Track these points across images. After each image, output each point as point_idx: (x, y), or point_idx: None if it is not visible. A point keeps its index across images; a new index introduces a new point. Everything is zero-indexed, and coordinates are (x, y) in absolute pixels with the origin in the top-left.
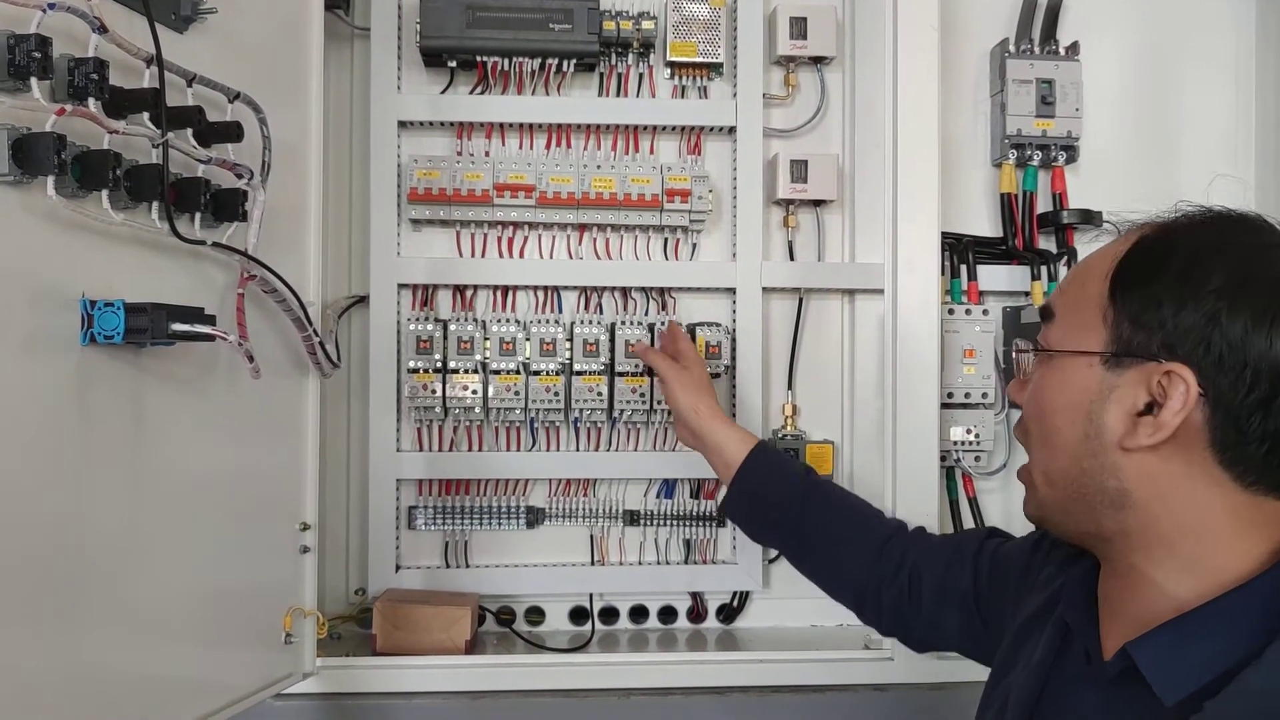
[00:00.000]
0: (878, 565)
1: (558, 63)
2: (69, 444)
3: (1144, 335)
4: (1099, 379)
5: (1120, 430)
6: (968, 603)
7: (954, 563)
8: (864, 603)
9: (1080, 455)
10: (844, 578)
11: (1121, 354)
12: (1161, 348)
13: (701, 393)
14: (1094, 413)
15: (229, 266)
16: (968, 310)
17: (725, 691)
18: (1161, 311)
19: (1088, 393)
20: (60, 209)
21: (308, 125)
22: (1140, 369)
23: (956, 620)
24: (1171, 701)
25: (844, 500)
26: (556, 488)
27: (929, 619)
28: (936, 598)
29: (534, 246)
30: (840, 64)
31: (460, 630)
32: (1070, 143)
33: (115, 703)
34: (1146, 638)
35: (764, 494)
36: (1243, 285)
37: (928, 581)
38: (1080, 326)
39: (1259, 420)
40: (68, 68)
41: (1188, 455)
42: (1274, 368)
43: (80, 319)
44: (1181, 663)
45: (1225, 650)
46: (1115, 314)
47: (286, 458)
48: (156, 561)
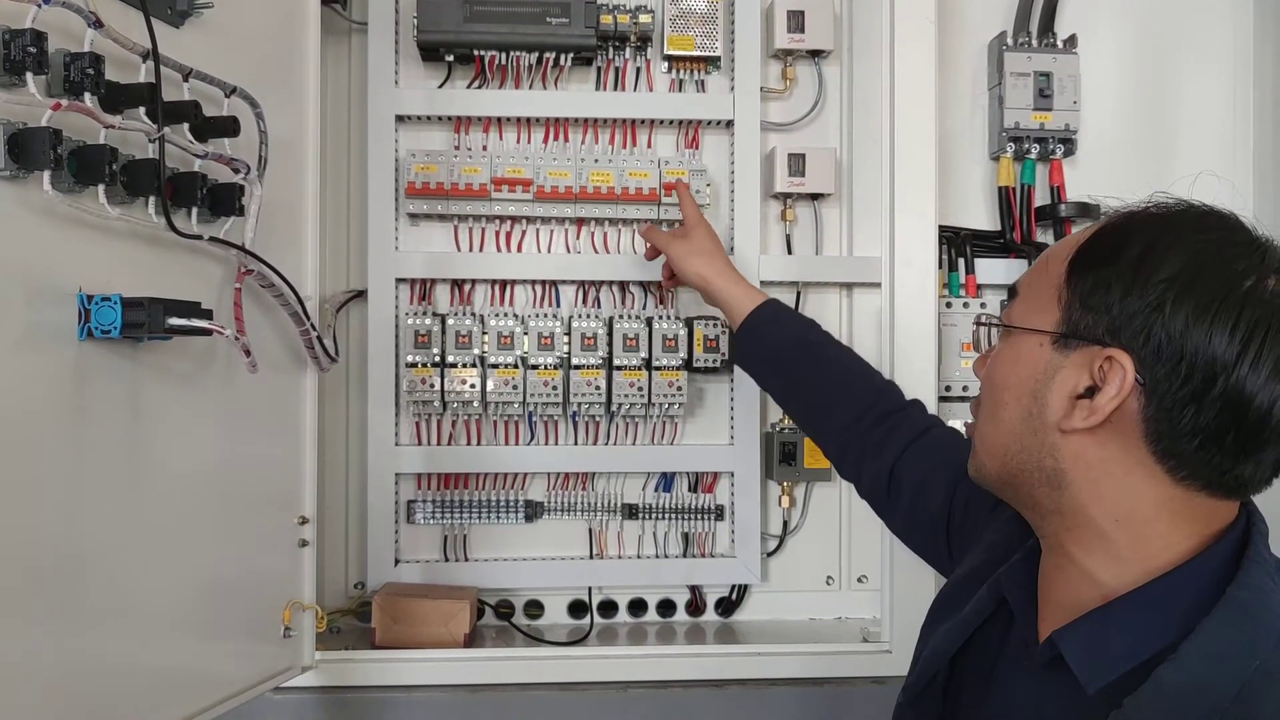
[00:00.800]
0: (863, 434)
1: (555, 57)
2: (66, 438)
3: (1091, 318)
4: (1046, 358)
5: (1059, 411)
6: (937, 524)
7: (933, 478)
8: (844, 464)
9: (1021, 432)
10: (831, 438)
11: (1069, 335)
12: (1106, 332)
13: (708, 257)
14: (1038, 391)
15: (226, 261)
16: (965, 303)
17: (724, 684)
18: (1109, 296)
19: (1035, 371)
20: (57, 204)
21: (305, 120)
22: (1085, 352)
23: (926, 534)
24: (1093, 689)
25: (840, 359)
26: (555, 481)
27: (904, 522)
28: (910, 508)
29: (532, 240)
30: (838, 57)
31: (459, 624)
32: (1068, 136)
33: (114, 696)
34: (1072, 626)
35: (763, 344)
36: (1191, 278)
37: (906, 485)
38: (1037, 306)
39: (1191, 414)
40: (63, 62)
41: (1123, 443)
42: (1209, 363)
43: (77, 314)
44: (1103, 651)
45: (1145, 640)
46: (1069, 295)
47: (284, 452)
48: (155, 555)
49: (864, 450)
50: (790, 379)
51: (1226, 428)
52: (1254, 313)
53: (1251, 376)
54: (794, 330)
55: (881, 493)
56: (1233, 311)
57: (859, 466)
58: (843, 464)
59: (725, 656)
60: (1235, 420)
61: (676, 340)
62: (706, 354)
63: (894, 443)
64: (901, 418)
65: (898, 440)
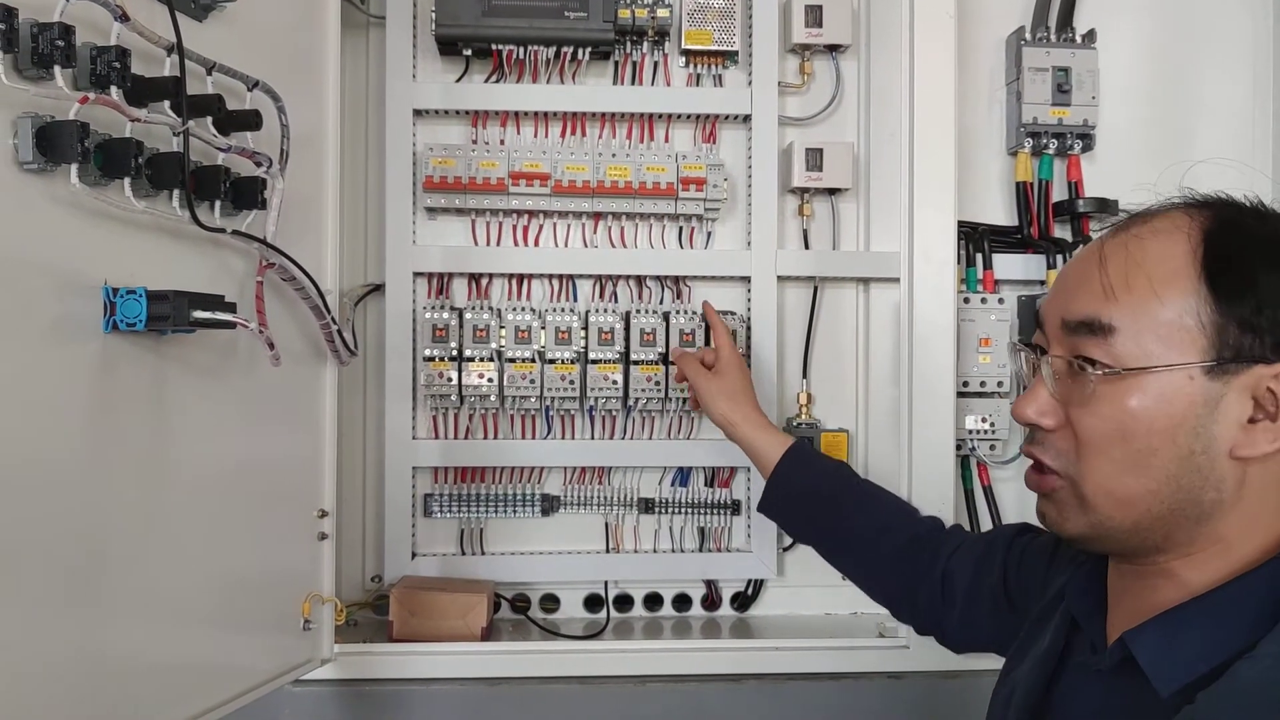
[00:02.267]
0: (913, 562)
1: (573, 51)
2: (91, 430)
3: (1251, 337)
4: (1202, 390)
5: (1231, 440)
6: (999, 598)
7: (985, 559)
8: (899, 600)
9: (1180, 473)
10: (880, 574)
11: (1231, 359)
12: (1273, 350)
13: (735, 400)
14: (1200, 427)
15: (248, 254)
16: (983, 299)
17: (740, 679)
18: (1277, 311)
19: (1191, 406)
20: (83, 197)
21: (325, 114)
22: (1250, 373)
23: (989, 618)
24: (1166, 692)
25: (879, 497)
26: (571, 475)
27: (963, 618)
28: (969, 595)
29: (549, 235)
30: (855, 52)
31: (476, 617)
32: (1086, 131)
33: (136, 687)
34: (1144, 627)
35: (799, 490)
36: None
37: (960, 579)
38: (1167, 337)
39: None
40: (90, 56)
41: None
42: None
43: (103, 306)
44: (1177, 652)
45: (1222, 641)
46: (1221, 319)
47: (305, 445)
48: (176, 547)
49: (916, 574)
50: (829, 523)
51: None
52: None
53: None
54: (827, 473)
55: (936, 600)
56: None
57: (914, 592)
58: (898, 606)
59: (741, 651)
60: None
61: (694, 335)
62: None
63: (940, 557)
64: (942, 539)
65: (942, 554)
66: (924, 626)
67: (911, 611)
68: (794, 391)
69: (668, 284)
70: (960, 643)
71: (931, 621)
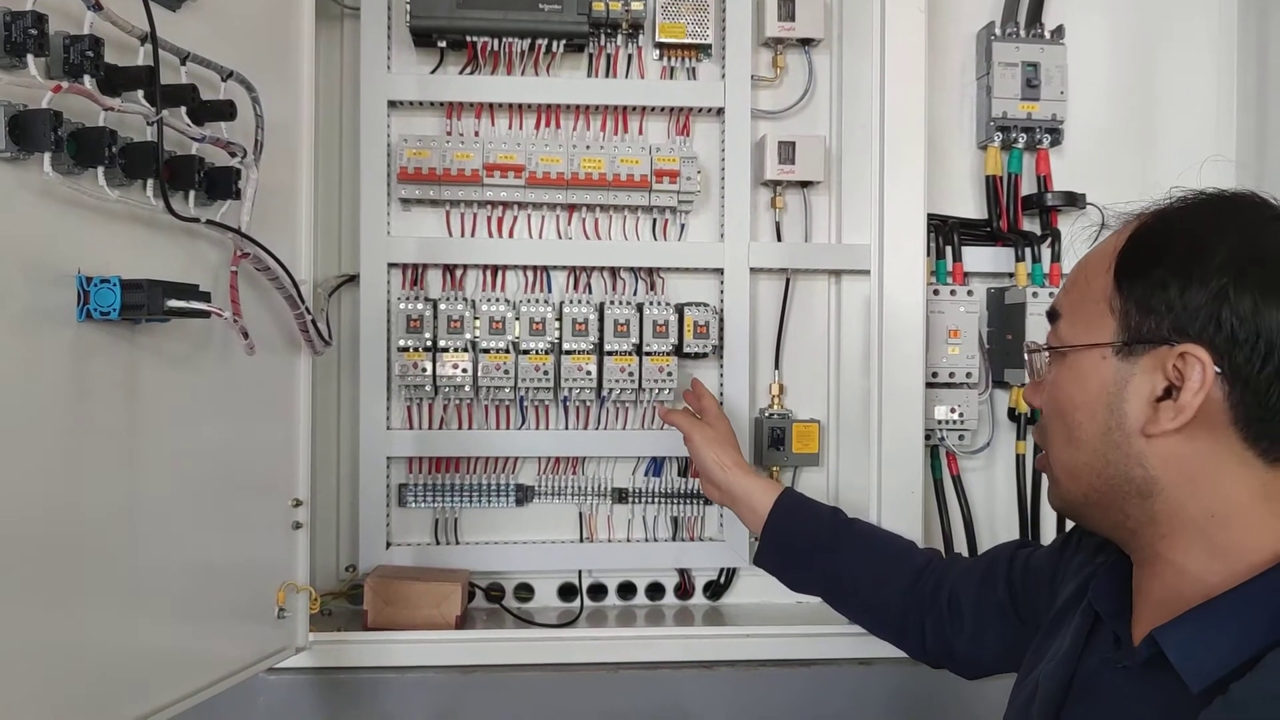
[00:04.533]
0: (916, 593)
1: (547, 43)
2: (64, 419)
3: (1153, 320)
4: (1114, 369)
5: (1142, 417)
6: (1006, 613)
7: (988, 578)
8: (907, 632)
9: (1104, 448)
10: (885, 610)
11: (1133, 341)
12: (1172, 330)
13: (725, 447)
14: (1113, 404)
15: (222, 244)
16: (953, 291)
17: (712, 666)
18: (1168, 294)
19: (1105, 384)
20: (56, 186)
21: (299, 104)
22: (1154, 354)
23: (998, 633)
24: (1198, 688)
25: (875, 535)
26: (546, 466)
27: (972, 637)
28: (976, 615)
29: (523, 226)
30: (828, 46)
31: (450, 606)
32: (1055, 125)
33: (109, 676)
34: (1173, 624)
35: (794, 537)
36: (1247, 260)
37: (966, 601)
38: (1088, 320)
39: (1278, 392)
40: (63, 45)
41: (1212, 435)
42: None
43: (76, 295)
44: (1208, 649)
45: (1252, 636)
46: (1122, 302)
47: (279, 434)
48: (150, 536)
49: (921, 603)
50: (830, 568)
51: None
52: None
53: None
54: (821, 518)
55: (944, 624)
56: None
57: (921, 622)
58: (906, 638)
59: (714, 638)
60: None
61: (667, 326)
62: (697, 340)
63: (944, 583)
64: (940, 566)
65: (946, 579)
66: (936, 656)
67: (921, 643)
68: (766, 382)
69: (641, 275)
70: (972, 664)
71: (943, 649)
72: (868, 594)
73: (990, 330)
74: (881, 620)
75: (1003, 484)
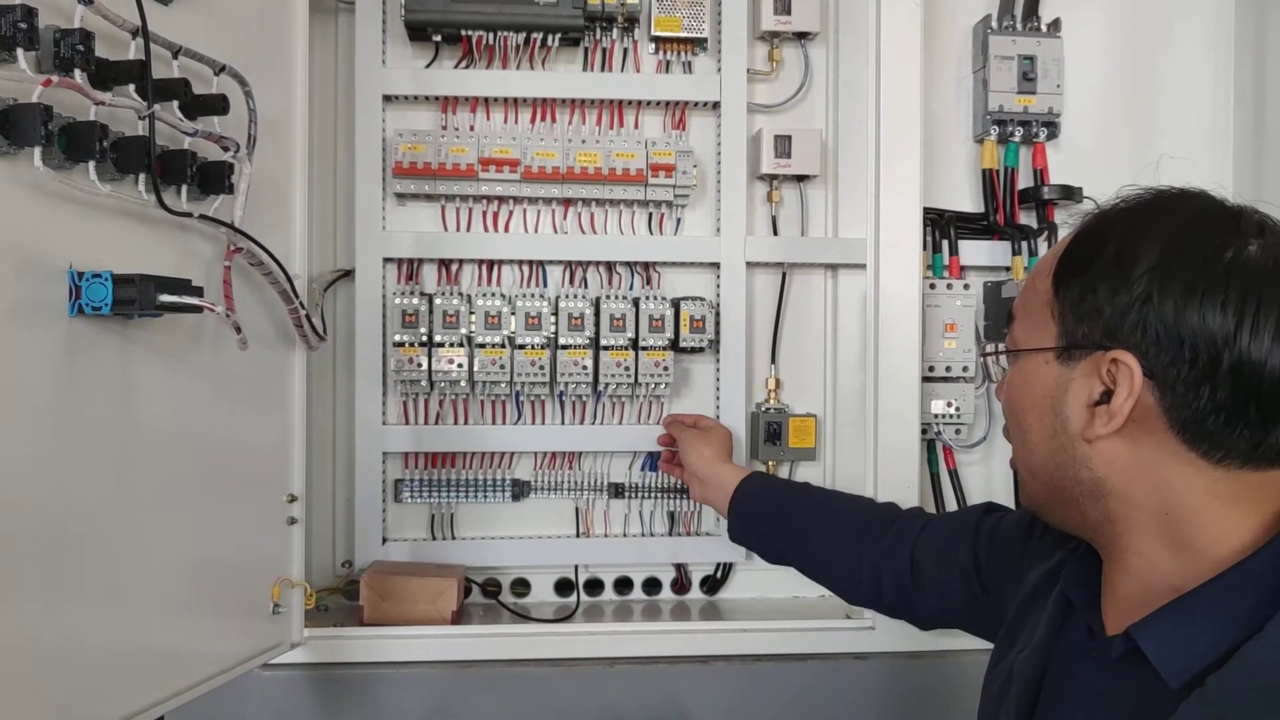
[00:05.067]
0: (877, 542)
1: (542, 37)
2: (57, 415)
3: (1086, 325)
4: (1055, 374)
5: (1080, 422)
6: (970, 580)
7: (953, 538)
8: (862, 584)
9: (1052, 450)
10: (841, 562)
11: (1070, 346)
12: (1104, 335)
13: (712, 445)
14: (1056, 408)
15: (215, 239)
16: (949, 285)
17: (708, 660)
18: (1098, 299)
19: (1047, 388)
20: (47, 180)
21: (293, 99)
22: (1090, 359)
23: (961, 599)
24: (1177, 684)
25: (837, 494)
26: (542, 461)
27: (936, 599)
28: (939, 577)
29: (519, 221)
30: (824, 40)
31: (446, 601)
32: (1051, 119)
33: (104, 672)
34: (1149, 621)
35: (755, 505)
36: (1171, 263)
37: (928, 559)
38: (1035, 324)
39: (1207, 395)
40: (53, 39)
41: (1153, 439)
42: (1210, 341)
43: (68, 290)
44: (1185, 645)
45: (1226, 629)
46: (1060, 307)
47: (274, 429)
48: (144, 532)
49: (878, 557)
50: (792, 526)
51: (1246, 399)
52: (1241, 282)
53: (1255, 345)
54: (783, 485)
55: (906, 584)
56: (1219, 285)
57: (878, 574)
58: (859, 585)
59: (710, 633)
60: (1253, 390)
61: (663, 320)
62: (693, 334)
63: (905, 539)
64: (905, 520)
65: (907, 536)
66: (893, 608)
67: (878, 594)
68: (762, 377)
69: (637, 270)
70: (930, 622)
71: (901, 601)
72: (823, 546)
73: (987, 324)
74: (840, 571)
75: (999, 477)
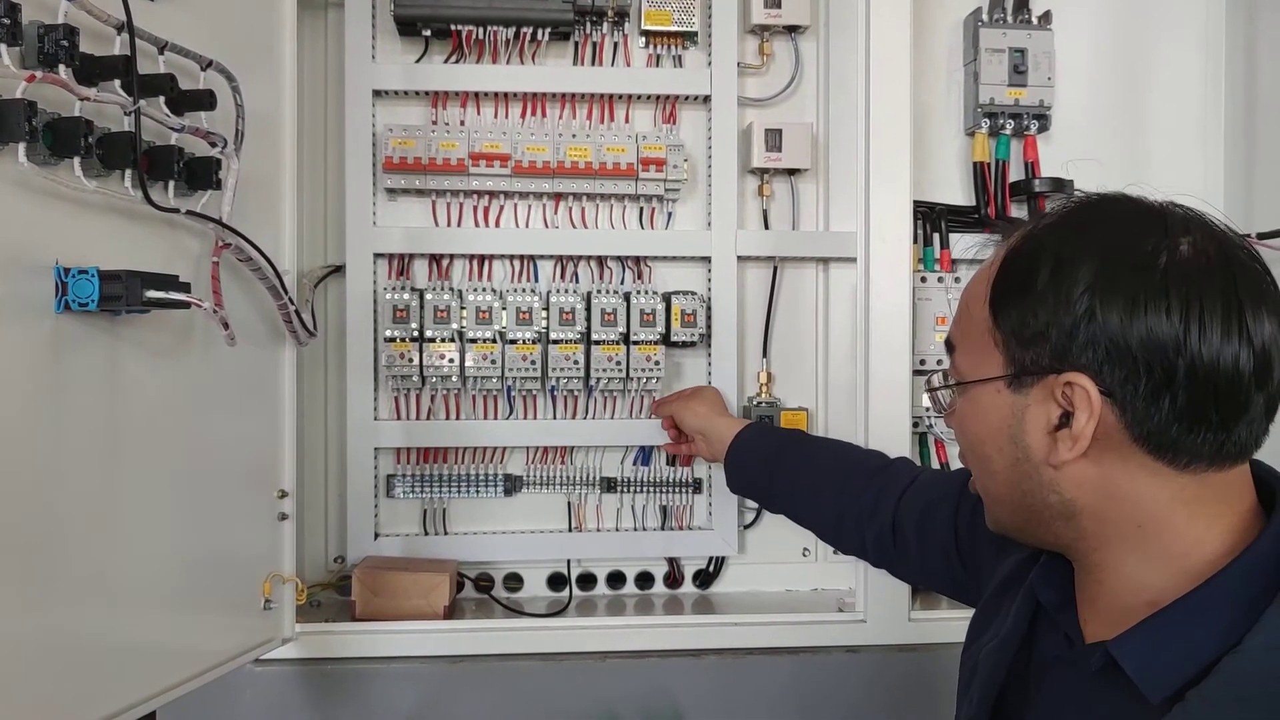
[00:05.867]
0: (859, 498)
1: (532, 31)
2: (44, 411)
3: (1033, 351)
4: (1009, 403)
5: (1043, 449)
6: (949, 552)
7: (933, 513)
8: (843, 538)
9: (1016, 478)
10: (825, 508)
11: (1020, 374)
12: (1053, 358)
13: (705, 402)
14: (1015, 436)
15: (203, 235)
16: (940, 278)
17: (701, 654)
18: (1039, 323)
19: (1003, 418)
20: (32, 176)
21: (281, 94)
22: (1042, 384)
23: (942, 571)
24: (1158, 699)
25: (827, 445)
26: (534, 455)
27: (916, 564)
28: (920, 545)
29: (510, 215)
30: (814, 33)
31: (439, 596)
32: (1042, 112)
33: (94, 668)
34: (1127, 636)
35: (748, 456)
36: (1109, 276)
37: (909, 525)
38: (977, 353)
39: (1167, 404)
40: (37, 34)
41: (1118, 454)
42: (1160, 350)
43: (54, 286)
44: (1164, 660)
45: (1205, 642)
46: (1002, 335)
47: (263, 425)
48: (134, 529)
49: (860, 514)
50: (781, 479)
51: (1206, 402)
52: (1180, 285)
53: (1205, 346)
54: (777, 436)
55: (889, 546)
56: (1160, 293)
57: (860, 532)
58: (844, 538)
59: (702, 626)
60: (1211, 392)
61: (654, 315)
62: (684, 328)
63: (887, 498)
64: (888, 474)
65: (890, 494)
66: (877, 563)
67: (861, 549)
68: (754, 370)
69: (628, 264)
70: (914, 583)
71: (883, 560)
72: (808, 496)
73: None
74: (823, 523)
75: None
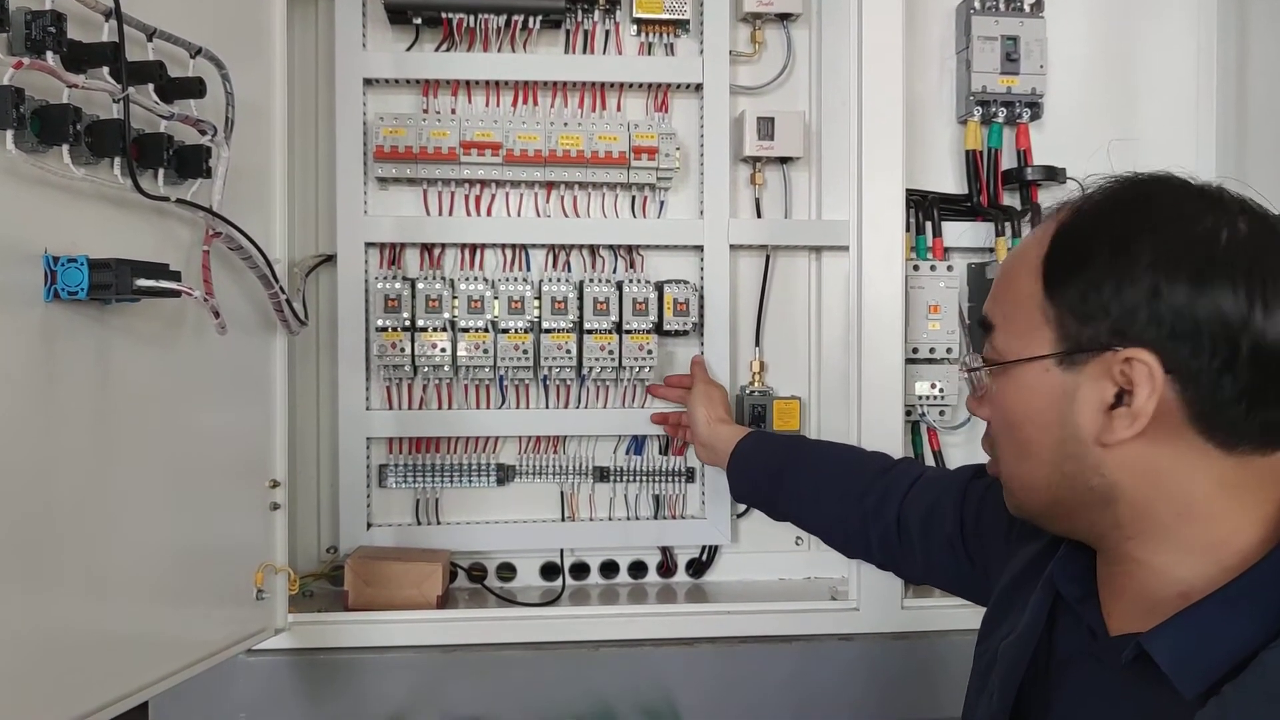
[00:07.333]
0: (862, 500)
1: (524, 19)
2: (33, 401)
3: (1092, 326)
4: (1059, 381)
5: (1096, 427)
6: (955, 547)
7: (940, 503)
8: (850, 543)
9: (1059, 460)
10: (828, 523)
11: (1074, 351)
12: (1113, 335)
13: (715, 406)
14: (1064, 416)
15: (194, 223)
16: (932, 266)
17: (694, 643)
18: (1102, 297)
19: (1052, 397)
20: (20, 164)
21: (271, 82)
22: (1098, 361)
23: (948, 568)
24: (1192, 694)
25: (830, 450)
26: (526, 445)
27: (921, 561)
28: (925, 541)
29: (501, 204)
30: (807, 21)
31: (432, 586)
32: (1035, 99)
33: (86, 659)
34: (1160, 630)
35: (751, 465)
36: (1173, 252)
37: (914, 522)
38: (1024, 331)
39: (1230, 381)
40: (24, 21)
41: (1170, 434)
42: (1226, 326)
43: (43, 275)
44: (1199, 655)
45: (1241, 637)
46: (1056, 310)
47: (255, 415)
48: (125, 519)
49: (865, 515)
50: (784, 487)
51: (1269, 380)
52: (1244, 262)
53: (1269, 324)
54: (777, 444)
55: (894, 544)
56: (1225, 268)
57: (866, 534)
58: (850, 541)
59: (695, 615)
60: (1273, 370)
61: (647, 304)
62: (677, 317)
63: (892, 496)
64: (892, 476)
65: (894, 493)
66: (883, 565)
67: (867, 552)
68: (747, 359)
69: (621, 253)
70: (920, 581)
71: (889, 561)
72: (813, 501)
73: (970, 305)
74: (829, 527)
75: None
